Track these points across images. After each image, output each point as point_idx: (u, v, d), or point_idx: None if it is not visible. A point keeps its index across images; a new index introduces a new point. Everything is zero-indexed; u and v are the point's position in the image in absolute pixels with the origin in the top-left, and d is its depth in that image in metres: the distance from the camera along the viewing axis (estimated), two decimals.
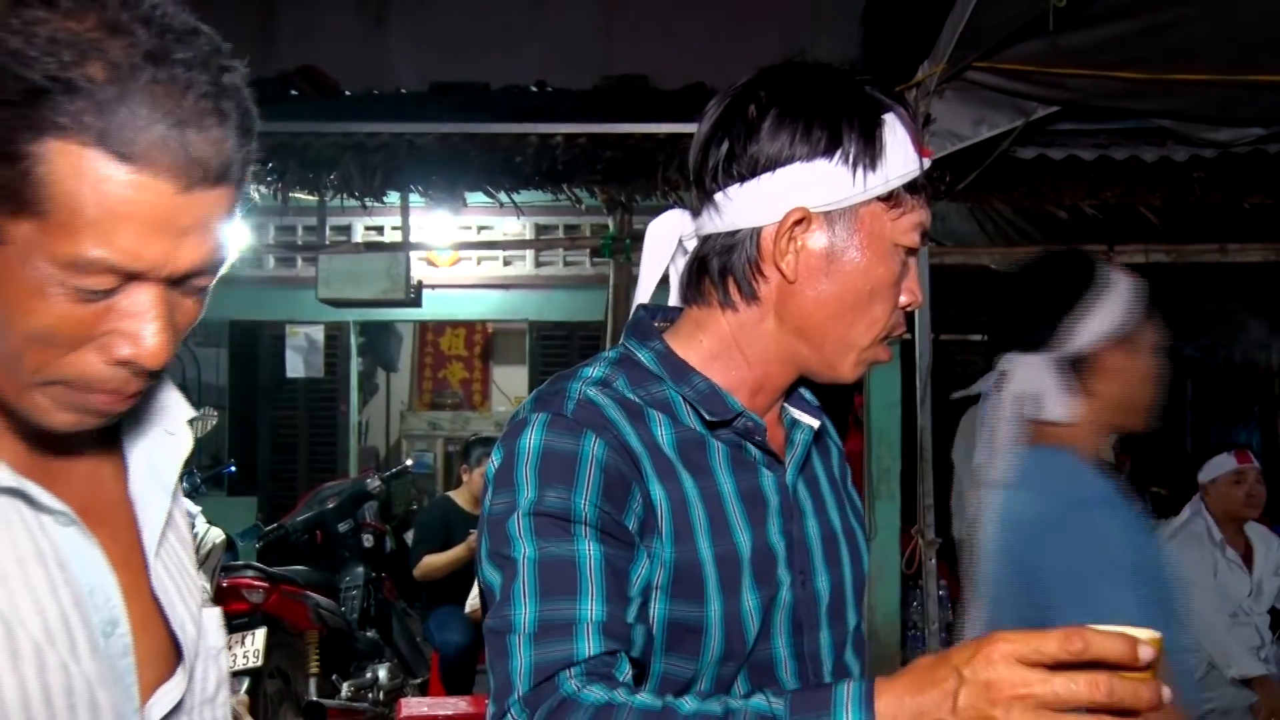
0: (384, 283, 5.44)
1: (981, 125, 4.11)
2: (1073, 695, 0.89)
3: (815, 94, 1.24)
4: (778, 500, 1.29)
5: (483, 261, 7.88)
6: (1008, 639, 0.92)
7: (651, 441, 1.23)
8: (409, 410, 10.91)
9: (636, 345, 1.30)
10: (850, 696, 0.97)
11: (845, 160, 1.22)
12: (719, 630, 1.21)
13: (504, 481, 1.19)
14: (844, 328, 1.26)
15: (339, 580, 5.90)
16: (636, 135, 4.60)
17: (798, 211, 1.23)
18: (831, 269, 1.24)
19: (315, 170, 4.56)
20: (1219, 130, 4.10)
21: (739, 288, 1.27)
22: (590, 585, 1.13)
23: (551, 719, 1.05)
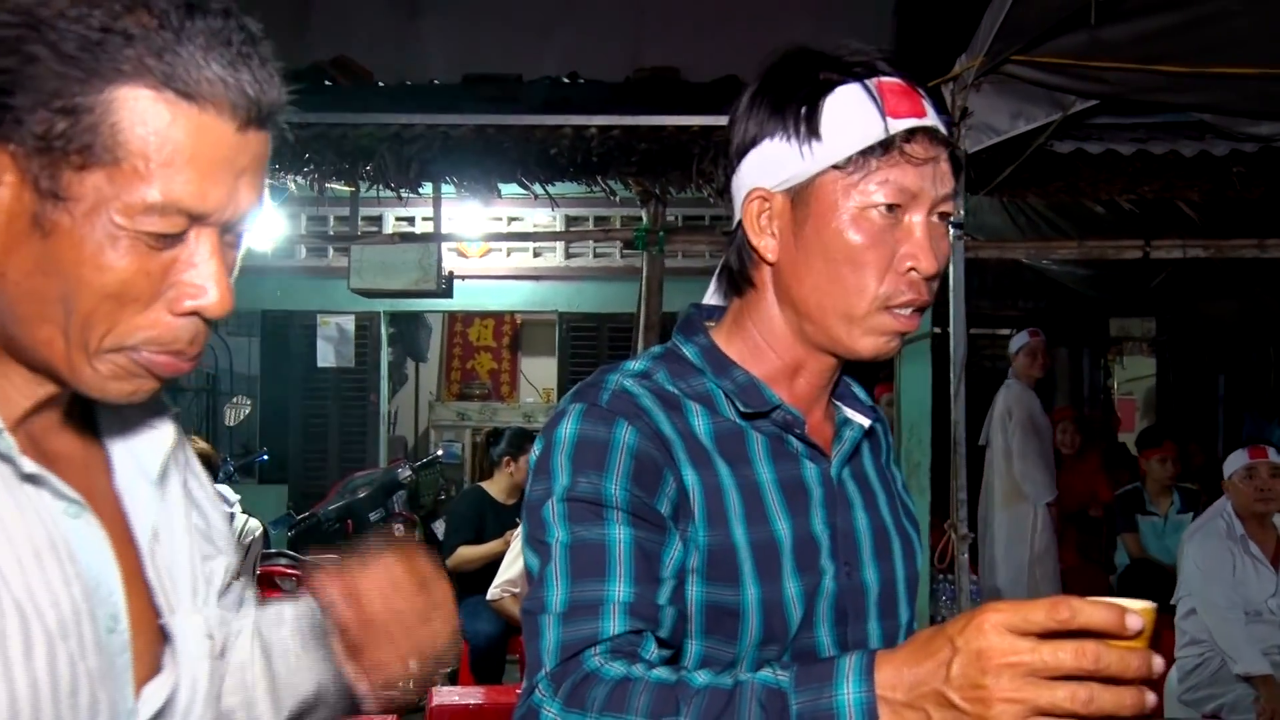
0: (415, 273, 5.46)
1: (1019, 119, 4.08)
2: (1060, 663, 0.90)
3: (771, 79, 1.30)
4: (821, 492, 1.31)
5: (512, 253, 7.90)
6: (998, 609, 0.93)
7: (686, 430, 1.26)
8: (437, 400, 10.94)
9: (683, 340, 1.35)
10: (852, 668, 0.99)
11: (790, 136, 1.25)
12: (757, 614, 1.24)
13: (542, 469, 1.24)
14: (835, 299, 1.27)
15: None
16: (670, 127, 4.60)
17: (757, 192, 1.29)
18: (803, 243, 1.27)
19: (351, 161, 4.58)
20: (1260, 124, 4.06)
21: (743, 277, 1.34)
22: (619, 567, 1.17)
23: (575, 692, 1.10)
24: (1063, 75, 3.88)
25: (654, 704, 1.05)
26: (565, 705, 1.09)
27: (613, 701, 1.07)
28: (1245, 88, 3.74)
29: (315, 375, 8.60)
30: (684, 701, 1.04)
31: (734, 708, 1.02)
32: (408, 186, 4.72)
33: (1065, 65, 3.80)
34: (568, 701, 1.09)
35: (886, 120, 1.22)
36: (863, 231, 1.24)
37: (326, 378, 8.72)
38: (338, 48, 5.87)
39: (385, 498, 6.15)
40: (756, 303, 1.34)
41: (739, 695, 1.03)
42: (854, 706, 0.98)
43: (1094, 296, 8.75)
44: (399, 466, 6.43)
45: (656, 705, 1.05)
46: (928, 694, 0.95)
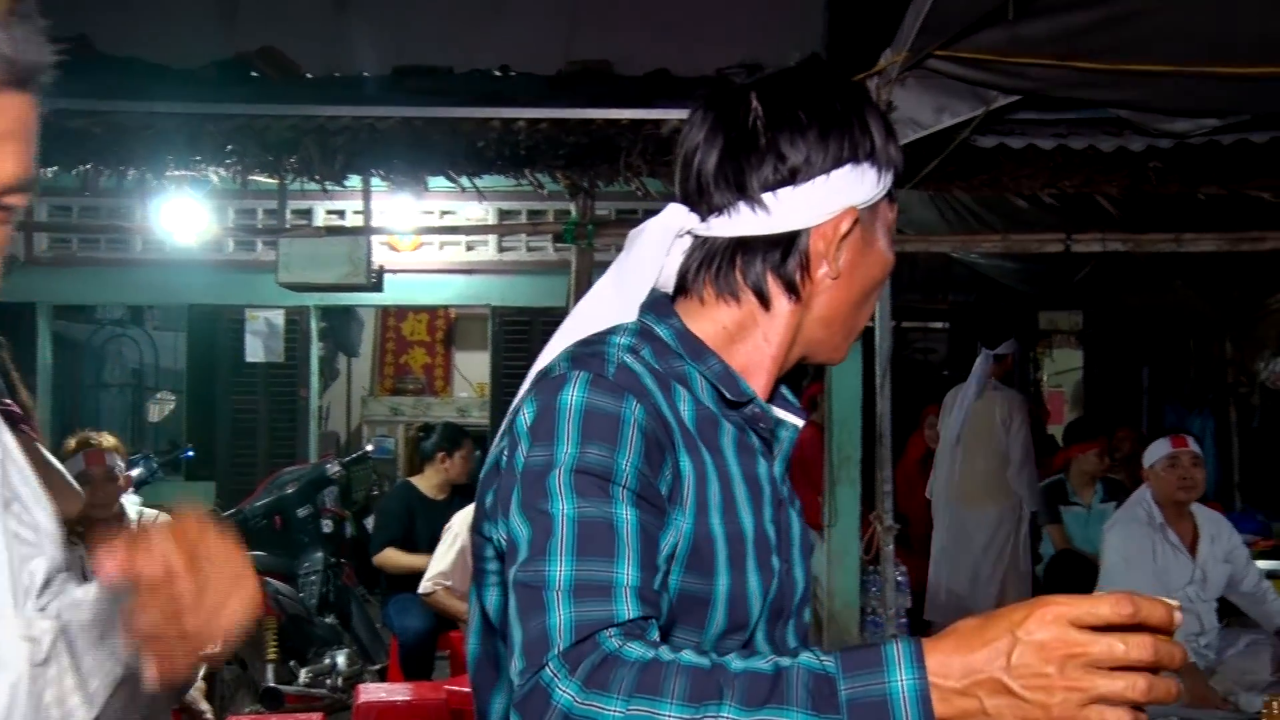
0: (345, 267, 5.40)
1: (943, 113, 4.13)
2: (1123, 655, 0.95)
3: (850, 100, 1.34)
4: (770, 490, 1.34)
5: (445, 246, 7.84)
6: (1061, 602, 0.97)
7: (678, 414, 1.26)
8: (370, 396, 10.87)
9: (655, 320, 1.33)
10: (902, 655, 1.00)
11: (878, 162, 1.32)
12: (724, 605, 1.25)
13: (543, 435, 1.19)
14: (859, 314, 1.38)
15: (298, 566, 5.87)
16: (599, 121, 4.59)
17: (853, 211, 1.31)
18: (862, 262, 1.34)
19: (275, 153, 4.52)
20: (1175, 121, 4.14)
21: (785, 284, 1.33)
22: (627, 549, 1.14)
23: (596, 672, 1.05)
24: (984, 71, 3.93)
25: (692, 689, 1.02)
26: (585, 686, 1.05)
27: (644, 684, 1.03)
28: (1160, 85, 3.81)
29: (244, 370, 8.48)
30: (726, 686, 1.02)
31: (780, 692, 1.01)
32: (333, 179, 4.68)
33: (986, 61, 3.85)
34: (588, 682, 1.05)
35: None
36: (892, 257, 1.37)
37: (255, 373, 8.59)
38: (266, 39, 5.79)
39: (314, 493, 6.08)
40: (780, 309, 1.34)
41: (784, 680, 1.01)
42: (908, 693, 0.98)
43: (1023, 290, 8.88)
44: (328, 462, 6.36)
45: (695, 690, 1.02)
46: (984, 681, 0.97)
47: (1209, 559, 4.57)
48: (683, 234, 1.36)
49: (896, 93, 4.08)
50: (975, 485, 6.64)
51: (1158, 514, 4.57)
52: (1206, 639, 4.52)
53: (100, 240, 7.25)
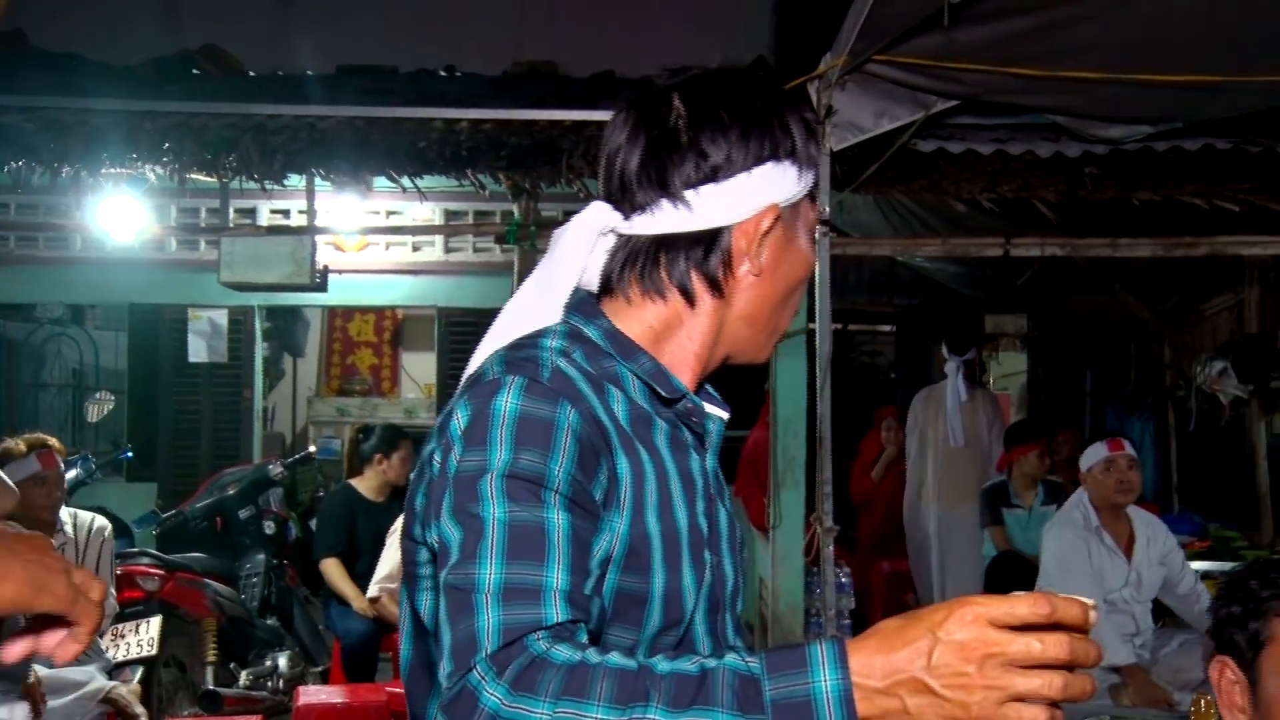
0: (288, 267, 5.36)
1: (882, 118, 4.16)
2: (1040, 654, 0.97)
3: (772, 99, 1.36)
4: (702, 484, 1.35)
5: (391, 247, 7.80)
6: (979, 603, 0.99)
7: (613, 415, 1.27)
8: (316, 396, 10.78)
9: (583, 321, 1.34)
10: (825, 656, 1.01)
11: (799, 160, 1.34)
12: (660, 603, 1.26)
13: (475, 440, 1.19)
14: (782, 313, 1.40)
15: (239, 568, 5.82)
16: (542, 122, 4.58)
17: (774, 208, 1.33)
18: (784, 259, 1.36)
19: (213, 151, 4.47)
20: (1110, 127, 4.19)
21: (708, 281, 1.35)
22: (557, 553, 1.14)
23: (523, 676, 1.05)
24: (923, 75, 3.96)
25: (619, 691, 1.03)
26: (513, 688, 1.05)
27: (571, 687, 1.04)
28: (1095, 92, 3.86)
29: (186, 370, 8.39)
30: (653, 688, 1.02)
31: (706, 694, 1.01)
32: (272, 178, 4.64)
33: (925, 66, 3.88)
34: (516, 685, 1.05)
35: None
36: (814, 255, 1.41)
37: (198, 373, 8.51)
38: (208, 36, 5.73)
39: (256, 495, 6.03)
40: (704, 306, 1.35)
41: (710, 682, 1.02)
42: (831, 693, 1.00)
43: (968, 294, 8.96)
44: (271, 463, 6.30)
45: (622, 692, 1.03)
46: (905, 680, 0.99)
47: (1144, 561, 4.63)
48: (606, 232, 1.36)
49: (837, 96, 4.11)
50: (961, 485, 6.75)
51: (1094, 517, 4.62)
52: (1141, 639, 4.58)
53: (39, 238, 7.15)
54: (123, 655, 4.64)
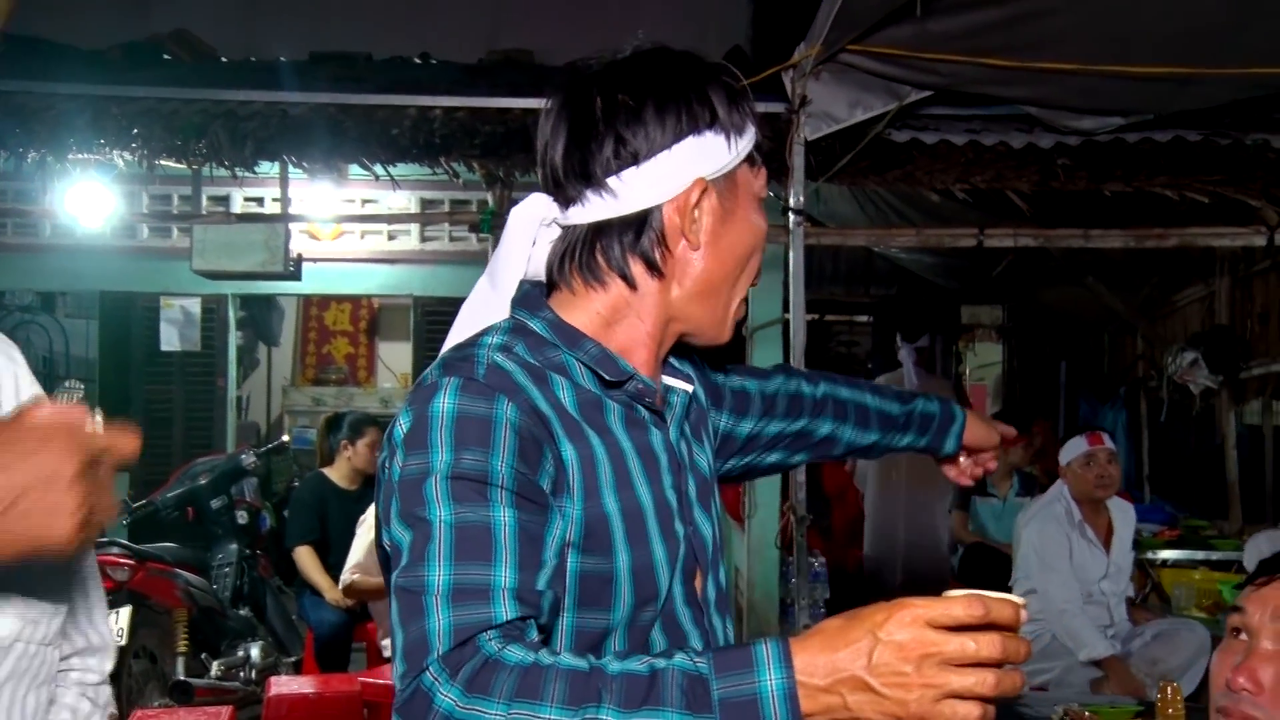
0: (261, 255, 5.31)
1: (856, 107, 4.17)
2: (974, 653, 1.02)
3: (686, 74, 1.35)
4: (666, 458, 1.37)
5: (366, 235, 7.76)
6: (918, 604, 1.03)
7: (557, 403, 1.28)
8: (292, 386, 10.73)
9: (527, 315, 1.35)
10: (771, 655, 1.05)
11: (724, 129, 1.33)
12: (629, 580, 1.28)
13: (416, 444, 1.21)
14: (734, 287, 1.38)
15: (211, 558, 5.79)
16: (517, 110, 4.55)
17: (701, 182, 1.33)
18: (726, 231, 1.36)
19: (183, 137, 4.43)
20: (1082, 119, 4.21)
21: (645, 262, 1.35)
22: (504, 551, 1.16)
23: (476, 678, 1.07)
24: (897, 66, 3.97)
25: (571, 692, 1.05)
26: (467, 690, 1.07)
27: (524, 689, 1.06)
28: (1067, 83, 3.88)
29: (158, 359, 8.33)
30: (604, 689, 1.05)
31: (656, 694, 1.04)
32: (243, 165, 4.59)
33: (898, 56, 3.89)
34: (469, 687, 1.07)
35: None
36: (763, 222, 1.38)
37: (171, 361, 8.45)
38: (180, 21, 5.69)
39: (229, 484, 5.99)
40: (647, 287, 1.35)
41: (660, 682, 1.05)
42: (777, 692, 1.03)
43: (944, 284, 8.99)
44: (244, 452, 6.25)
45: (574, 693, 1.05)
46: (847, 679, 1.03)
47: (1121, 550, 4.67)
48: (549, 224, 1.37)
49: (811, 86, 4.12)
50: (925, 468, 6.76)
51: (1076, 511, 4.65)
52: (1114, 630, 4.62)
53: (7, 224, 7.06)
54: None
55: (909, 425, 1.82)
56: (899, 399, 1.83)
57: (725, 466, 1.68)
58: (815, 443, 1.76)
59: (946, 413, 1.84)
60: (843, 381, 1.80)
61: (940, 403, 1.86)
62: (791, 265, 4.27)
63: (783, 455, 1.75)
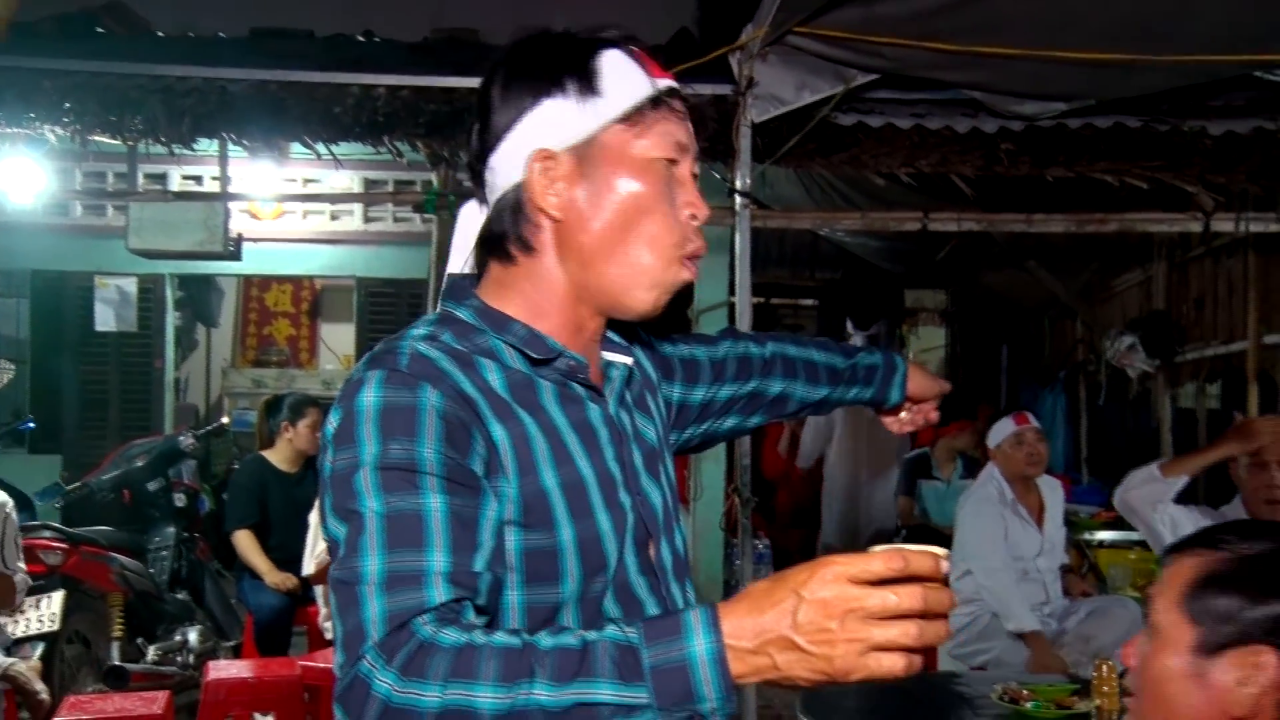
0: (200, 234, 5.22)
1: (803, 90, 4.17)
2: (896, 605, 1.04)
3: (532, 51, 1.35)
4: (607, 431, 1.38)
5: (309, 215, 7.68)
6: (839, 561, 1.05)
7: (485, 386, 1.29)
8: (231, 367, 10.60)
9: (454, 305, 1.38)
10: (699, 621, 1.06)
11: (569, 94, 1.31)
12: (574, 553, 1.28)
13: (345, 439, 1.22)
14: (625, 251, 1.34)
15: (148, 541, 5.70)
16: (462, 89, 4.50)
17: (541, 153, 1.32)
18: (593, 198, 1.33)
19: (118, 113, 4.34)
20: (1025, 104, 4.24)
21: (519, 242, 1.36)
22: (436, 536, 1.17)
23: (412, 661, 1.08)
24: (843, 49, 3.98)
25: (505, 669, 1.06)
26: (403, 674, 1.08)
27: (459, 669, 1.07)
28: (1011, 68, 3.90)
29: (93, 339, 8.18)
30: (537, 664, 1.06)
31: (588, 666, 1.05)
32: (180, 142, 4.50)
33: (845, 39, 3.90)
34: (405, 671, 1.08)
35: (652, 79, 1.35)
36: (651, 181, 1.33)
37: (106, 342, 8.30)
38: None
39: (165, 466, 5.90)
40: (533, 266, 1.37)
41: (591, 654, 1.06)
42: (706, 656, 1.05)
43: (888, 268, 9.05)
44: (182, 434, 6.16)
45: (507, 670, 1.06)
46: (774, 639, 1.05)
47: (1053, 527, 4.76)
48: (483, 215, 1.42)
49: (758, 68, 4.11)
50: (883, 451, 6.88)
51: (1008, 491, 4.73)
52: (1050, 607, 4.69)
53: None
54: (22, 631, 4.53)
55: (855, 377, 1.84)
56: (843, 352, 1.85)
57: (684, 436, 1.69)
58: (769, 402, 1.78)
59: (889, 363, 1.87)
60: (789, 340, 1.82)
61: (882, 354, 1.89)
62: (738, 248, 4.27)
63: (739, 419, 1.76)
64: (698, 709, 1.06)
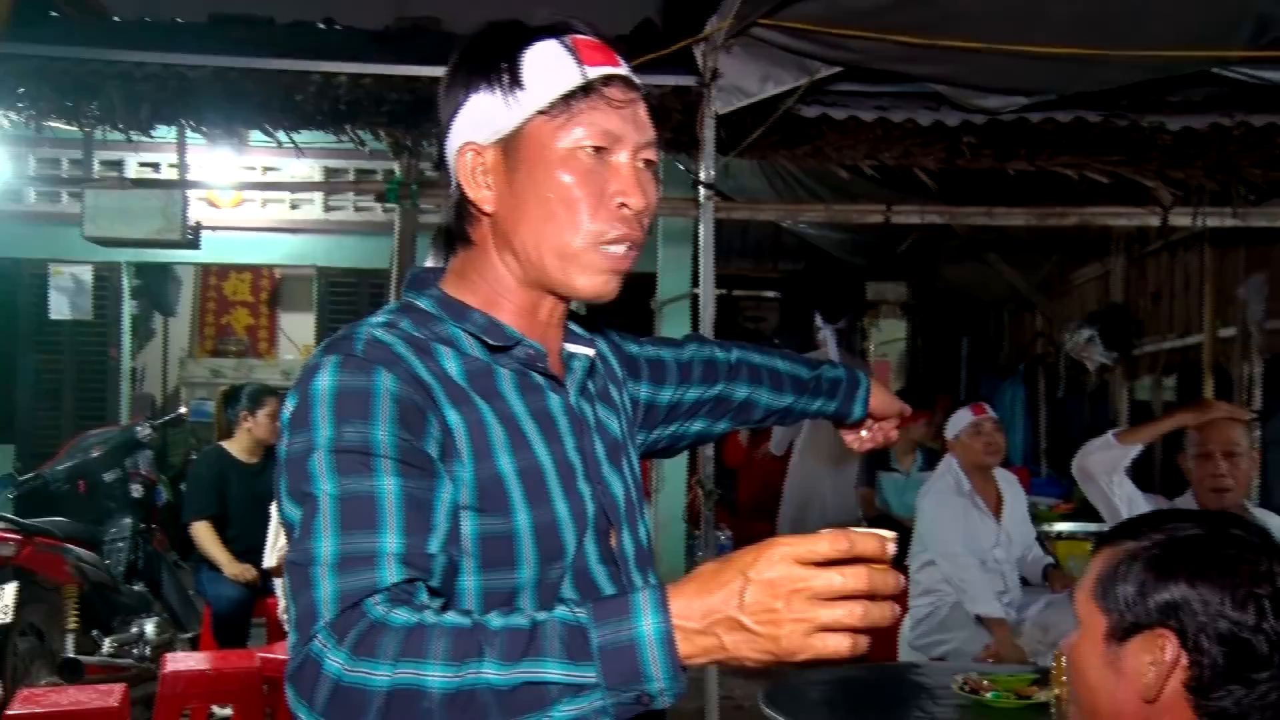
0: (158, 222, 5.16)
1: (767, 82, 4.17)
2: (841, 586, 1.05)
3: (472, 45, 1.37)
4: (567, 420, 1.39)
5: (269, 204, 7.61)
6: (785, 543, 1.06)
7: (441, 372, 1.30)
8: (189, 357, 10.49)
9: (415, 294, 1.40)
10: (647, 602, 1.07)
11: (494, 89, 1.33)
12: (531, 539, 1.30)
13: (300, 423, 1.24)
14: (551, 238, 1.34)
15: (104, 532, 5.64)
16: (425, 78, 4.47)
17: (467, 147, 1.35)
18: (517, 190, 1.35)
19: (75, 98, 4.27)
20: (987, 97, 4.26)
21: (463, 236, 1.40)
22: (390, 518, 1.18)
23: (363, 640, 1.09)
24: (807, 41, 3.98)
25: (454, 649, 1.07)
26: (353, 654, 1.08)
27: (409, 648, 1.07)
28: (974, 61, 3.92)
29: (48, 328, 8.07)
30: (486, 643, 1.07)
31: (537, 645, 1.06)
32: (138, 129, 4.44)
33: (809, 31, 3.89)
34: (356, 650, 1.08)
35: (583, 68, 1.33)
36: (572, 171, 1.33)
37: (60, 331, 8.20)
38: None
39: (122, 457, 5.83)
40: (480, 257, 1.40)
41: (540, 633, 1.07)
42: (654, 636, 1.06)
43: (850, 261, 9.09)
44: (139, 424, 6.10)
45: (457, 649, 1.07)
46: (721, 620, 1.06)
47: (1012, 520, 4.80)
48: None
49: (722, 60, 4.11)
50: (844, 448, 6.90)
51: (965, 481, 4.77)
52: (1009, 597, 4.73)
53: None
54: None
55: (819, 389, 1.87)
56: (807, 364, 1.88)
57: (652, 437, 1.71)
58: (735, 407, 1.80)
59: (852, 378, 1.90)
60: (753, 348, 1.85)
61: (845, 369, 1.92)
62: (702, 239, 4.27)
63: (706, 423, 1.78)
64: (646, 689, 1.06)
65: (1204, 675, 1.42)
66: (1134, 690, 1.46)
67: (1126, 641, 1.46)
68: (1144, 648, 1.45)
